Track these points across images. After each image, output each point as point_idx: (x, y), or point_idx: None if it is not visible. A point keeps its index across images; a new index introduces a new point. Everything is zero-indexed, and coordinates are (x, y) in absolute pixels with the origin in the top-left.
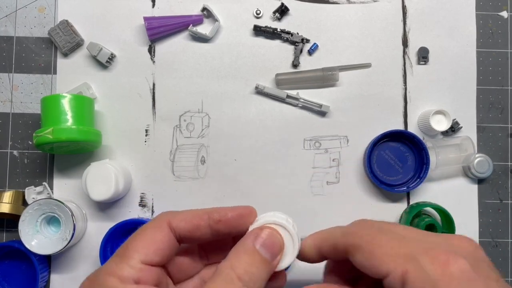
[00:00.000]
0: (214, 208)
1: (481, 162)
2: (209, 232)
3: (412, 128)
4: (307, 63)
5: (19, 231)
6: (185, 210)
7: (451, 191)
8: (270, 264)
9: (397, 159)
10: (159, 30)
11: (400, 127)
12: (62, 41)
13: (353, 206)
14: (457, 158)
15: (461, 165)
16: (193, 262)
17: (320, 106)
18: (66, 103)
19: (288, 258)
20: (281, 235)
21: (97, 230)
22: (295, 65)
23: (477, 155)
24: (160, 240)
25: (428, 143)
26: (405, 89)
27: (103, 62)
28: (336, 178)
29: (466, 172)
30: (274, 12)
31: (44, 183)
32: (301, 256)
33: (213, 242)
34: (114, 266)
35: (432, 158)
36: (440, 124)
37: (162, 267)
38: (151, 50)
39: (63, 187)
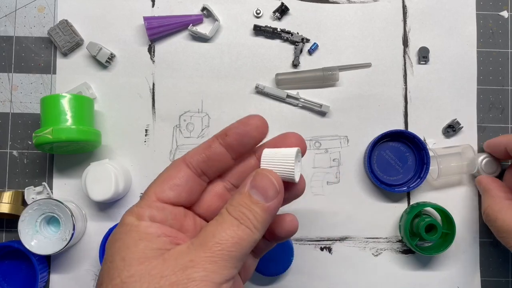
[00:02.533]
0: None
1: (489, 162)
2: (224, 152)
3: (412, 128)
4: (307, 63)
5: (18, 231)
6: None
7: (452, 191)
8: (264, 206)
9: (397, 159)
10: (159, 30)
11: (400, 127)
12: (61, 41)
13: (353, 206)
14: (459, 166)
15: (465, 174)
16: (224, 203)
17: (320, 106)
18: (65, 103)
19: (296, 174)
20: (276, 177)
21: (97, 230)
22: (295, 65)
23: (483, 156)
24: (175, 176)
25: (430, 152)
26: (405, 89)
27: (103, 62)
28: (336, 178)
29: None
30: (274, 12)
31: (43, 183)
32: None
33: (241, 175)
34: (134, 205)
35: (434, 167)
36: None
37: (188, 208)
38: (151, 50)
39: (62, 187)
